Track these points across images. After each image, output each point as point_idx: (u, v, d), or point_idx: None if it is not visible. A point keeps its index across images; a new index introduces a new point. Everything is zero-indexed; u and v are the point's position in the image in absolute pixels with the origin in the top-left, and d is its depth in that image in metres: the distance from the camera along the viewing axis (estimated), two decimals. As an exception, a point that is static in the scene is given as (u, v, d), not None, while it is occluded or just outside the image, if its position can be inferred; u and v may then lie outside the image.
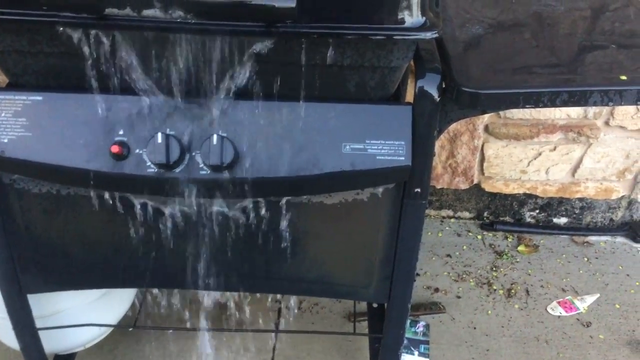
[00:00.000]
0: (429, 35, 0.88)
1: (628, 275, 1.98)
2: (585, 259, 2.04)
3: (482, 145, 2.00)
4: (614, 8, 1.25)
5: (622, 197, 2.10)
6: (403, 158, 0.97)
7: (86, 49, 0.90)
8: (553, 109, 1.89)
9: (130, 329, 1.62)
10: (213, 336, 1.62)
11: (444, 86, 0.96)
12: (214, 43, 0.88)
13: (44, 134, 0.97)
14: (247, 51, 0.89)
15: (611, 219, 2.16)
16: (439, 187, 2.10)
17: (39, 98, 0.97)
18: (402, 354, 1.32)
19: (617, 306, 1.87)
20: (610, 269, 2.00)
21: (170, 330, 1.66)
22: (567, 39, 1.13)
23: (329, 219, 1.09)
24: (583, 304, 1.86)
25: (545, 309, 1.85)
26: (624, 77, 0.97)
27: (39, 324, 1.28)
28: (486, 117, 1.94)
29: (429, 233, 2.12)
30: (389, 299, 1.20)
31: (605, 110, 1.91)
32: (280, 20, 0.84)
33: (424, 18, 0.88)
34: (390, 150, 0.97)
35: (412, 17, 0.88)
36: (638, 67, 1.03)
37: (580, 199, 2.11)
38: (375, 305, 1.63)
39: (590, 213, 2.14)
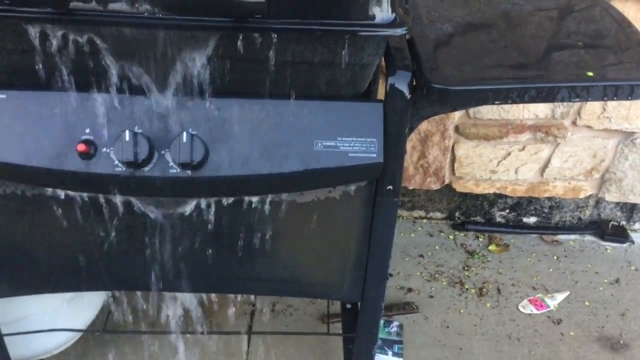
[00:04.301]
0: (398, 31, 0.88)
1: (597, 272, 2.01)
2: (555, 258, 2.06)
3: (453, 146, 2.02)
4: (580, 8, 1.28)
5: (590, 196, 2.14)
6: (375, 155, 0.97)
7: (51, 46, 0.88)
8: (521, 109, 1.91)
9: (99, 334, 1.59)
10: (185, 340, 1.60)
11: (414, 83, 0.97)
12: (182, 38, 0.86)
13: (8, 133, 0.94)
14: (216, 47, 0.88)
15: (579, 218, 2.19)
16: (410, 187, 2.11)
17: (3, 96, 0.95)
18: (376, 354, 1.32)
19: (587, 303, 1.89)
20: (579, 267, 2.03)
21: (141, 334, 1.63)
22: (534, 38, 1.15)
23: (301, 218, 1.08)
24: (553, 301, 1.89)
25: (517, 307, 1.86)
26: (590, 74, 0.98)
27: (4, 329, 1.25)
28: (456, 118, 1.95)
29: (402, 234, 2.12)
30: (362, 298, 1.19)
31: (573, 110, 1.94)
32: (249, 15, 0.83)
33: (394, 14, 0.89)
34: (362, 147, 0.97)
35: (382, 13, 0.88)
36: (604, 65, 1.05)
37: (549, 198, 2.14)
38: (349, 306, 1.63)
39: (559, 212, 2.17)
